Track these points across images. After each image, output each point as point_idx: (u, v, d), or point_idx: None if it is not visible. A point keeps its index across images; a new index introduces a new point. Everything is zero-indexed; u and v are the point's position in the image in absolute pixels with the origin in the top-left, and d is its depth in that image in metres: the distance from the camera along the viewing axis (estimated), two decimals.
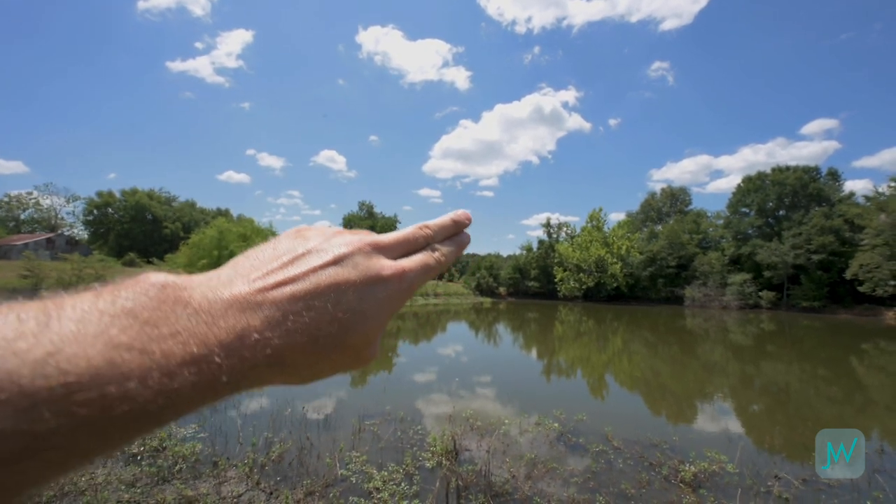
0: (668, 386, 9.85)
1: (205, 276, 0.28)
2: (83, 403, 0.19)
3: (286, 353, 0.26)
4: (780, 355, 14.74)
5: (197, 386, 0.22)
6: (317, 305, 0.27)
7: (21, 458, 0.17)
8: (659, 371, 11.54)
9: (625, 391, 9.50)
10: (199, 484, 3.93)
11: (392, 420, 6.09)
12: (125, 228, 57.22)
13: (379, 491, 3.94)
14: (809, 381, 10.41)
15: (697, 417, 7.35)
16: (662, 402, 8.45)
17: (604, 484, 4.34)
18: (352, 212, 68.47)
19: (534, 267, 56.87)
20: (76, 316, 0.21)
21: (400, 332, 18.29)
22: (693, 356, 14.29)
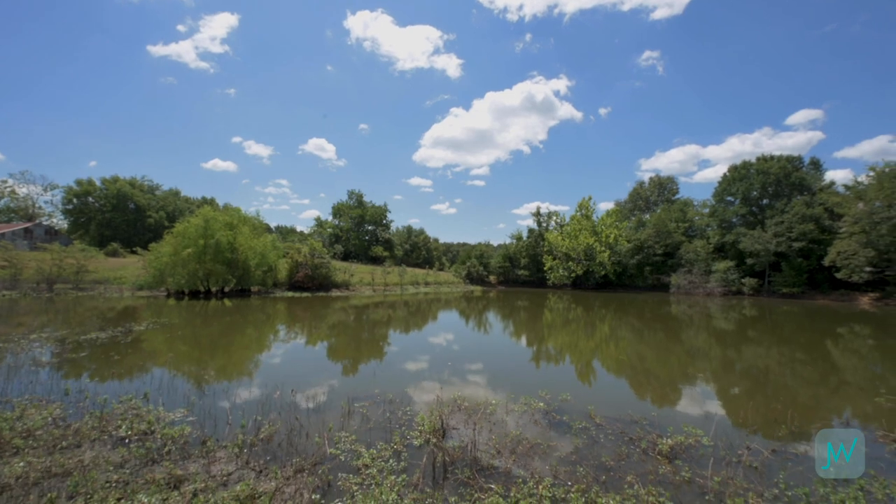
0: (652, 369, 10.15)
1: None
2: None
3: None
4: (761, 340, 15.21)
5: None
6: None
7: None
8: (644, 356, 11.85)
9: (610, 374, 9.75)
10: (188, 464, 3.97)
11: (381, 402, 6.19)
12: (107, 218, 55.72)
13: (367, 467, 4.04)
14: (787, 364, 10.79)
15: (677, 397, 7.61)
16: (645, 384, 8.72)
17: (585, 457, 4.51)
18: (341, 200, 67.72)
19: (524, 255, 57.25)
20: None
21: (391, 321, 18.36)
22: (677, 341, 14.67)
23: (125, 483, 3.51)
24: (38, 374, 7.31)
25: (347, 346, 11.96)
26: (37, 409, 5.24)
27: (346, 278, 36.19)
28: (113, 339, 10.91)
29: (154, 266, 25.60)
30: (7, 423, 4.61)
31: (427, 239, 78.47)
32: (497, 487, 3.72)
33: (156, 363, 8.65)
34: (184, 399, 6.11)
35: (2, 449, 4.05)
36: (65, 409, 5.36)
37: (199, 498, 3.27)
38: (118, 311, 17.73)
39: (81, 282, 26.76)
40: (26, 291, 23.52)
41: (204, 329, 13.94)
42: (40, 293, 23.55)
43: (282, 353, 10.58)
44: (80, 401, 5.77)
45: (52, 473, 3.60)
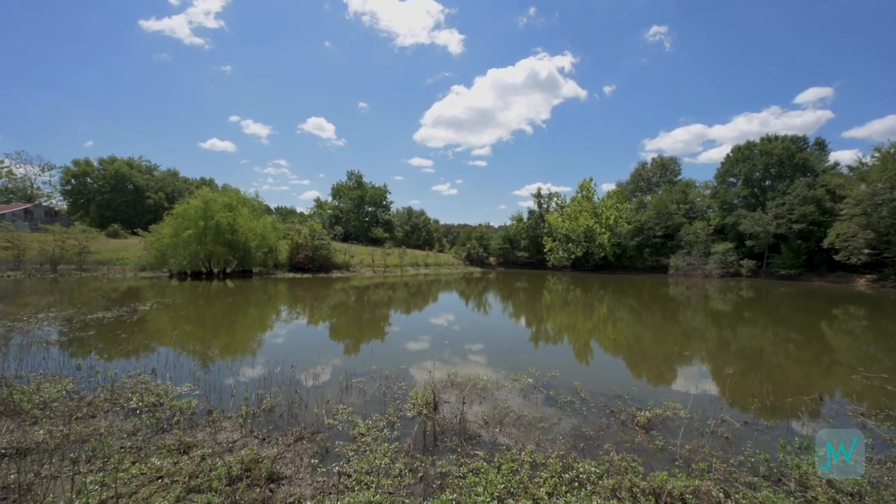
0: (644, 349, 10.45)
1: None
2: None
3: None
4: (757, 320, 15.48)
5: None
6: None
7: None
8: (641, 336, 12.14)
9: (602, 353, 10.06)
10: (196, 432, 4.26)
11: (378, 378, 6.49)
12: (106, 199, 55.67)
13: (363, 436, 4.33)
14: (781, 345, 11.01)
15: (664, 375, 7.92)
16: (635, 363, 9.03)
17: (566, 428, 4.81)
18: (341, 181, 67.32)
19: (524, 237, 57.38)
20: None
21: (391, 302, 18.69)
22: (673, 322, 14.95)
23: (138, 448, 3.80)
24: (48, 352, 7.63)
25: (348, 326, 12.29)
26: (51, 383, 5.54)
27: (347, 259, 36.49)
28: (119, 318, 11.23)
29: (155, 247, 25.87)
30: (25, 395, 4.90)
31: (427, 220, 78.41)
32: (482, 454, 4.01)
33: (161, 342, 8.97)
34: (190, 374, 6.42)
35: (22, 418, 4.34)
36: (77, 383, 5.66)
37: (206, 462, 3.55)
38: (122, 291, 18.06)
39: (84, 263, 27.08)
40: (30, 272, 23.86)
41: (207, 309, 14.28)
42: (44, 274, 23.89)
43: (284, 333, 10.90)
44: (92, 376, 6.08)
45: (70, 440, 3.89)
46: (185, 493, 3.12)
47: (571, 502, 3.24)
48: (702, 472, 3.78)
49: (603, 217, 50.79)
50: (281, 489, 3.29)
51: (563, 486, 3.48)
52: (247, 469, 3.46)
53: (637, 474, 3.68)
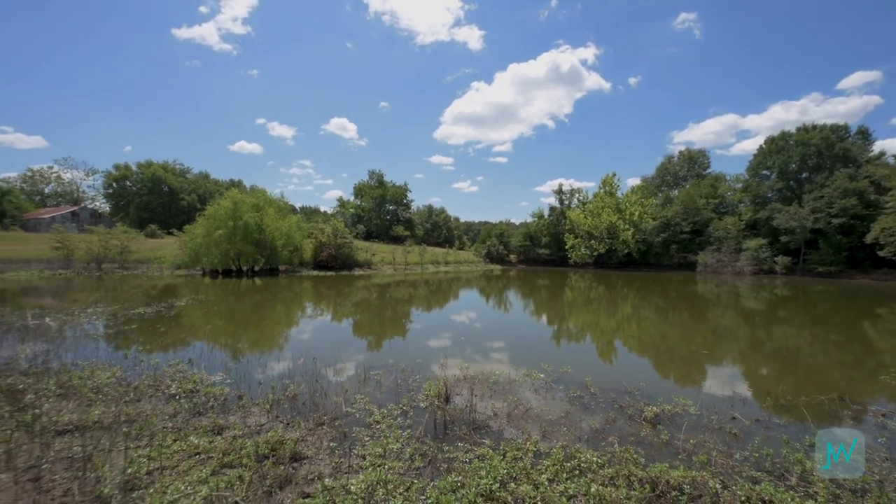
0: (665, 347, 10.35)
1: None
2: None
3: None
4: (792, 320, 14.86)
5: None
6: None
7: None
8: (665, 334, 11.96)
9: (620, 351, 10.03)
10: (228, 416, 4.69)
11: (394, 370, 6.81)
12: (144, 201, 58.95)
13: (378, 423, 4.65)
14: (820, 345, 10.50)
15: (678, 372, 7.88)
16: (652, 360, 8.99)
17: (573, 421, 4.97)
18: (363, 180, 68.55)
19: (545, 234, 56.76)
20: None
21: (412, 299, 19.09)
22: (701, 320, 14.59)
23: (178, 429, 4.24)
24: (98, 343, 8.37)
25: (369, 323, 12.74)
26: (102, 370, 6.15)
27: (368, 257, 37.27)
28: (158, 313, 12.08)
29: (189, 246, 27.31)
30: (81, 381, 5.50)
31: (448, 218, 78.71)
32: (489, 442, 4.24)
33: (196, 335, 9.64)
34: (222, 365, 6.94)
35: (80, 400, 4.90)
36: (124, 371, 6.26)
37: (237, 441, 3.95)
38: (160, 288, 19.26)
39: (125, 261, 28.89)
40: (79, 270, 25.71)
41: (237, 305, 15.08)
42: (91, 272, 25.69)
43: (309, 329, 11.44)
44: (136, 364, 6.68)
45: (120, 420, 4.39)
46: (220, 467, 3.51)
47: (570, 488, 3.42)
48: (702, 464, 3.87)
49: (627, 213, 49.60)
50: (303, 467, 3.63)
51: (563, 473, 3.66)
52: (273, 449, 3.82)
53: (637, 465, 3.82)
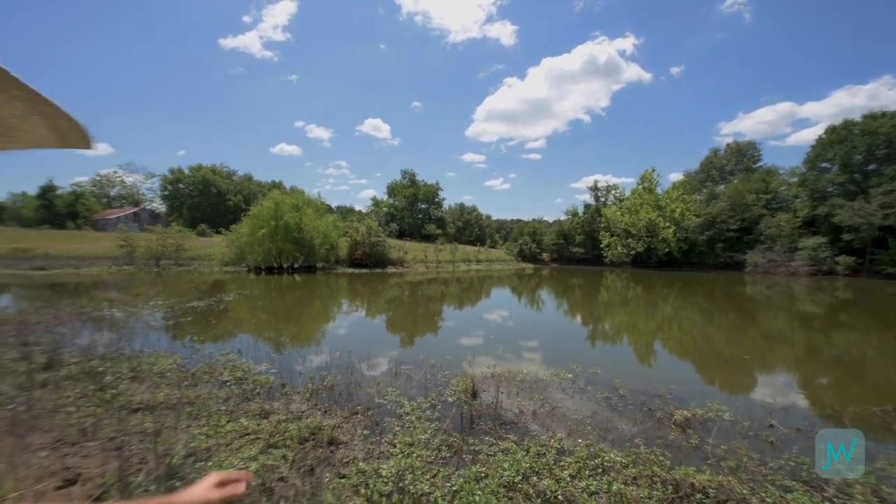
0: (705, 350, 9.96)
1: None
2: None
3: None
4: (855, 324, 13.77)
5: None
6: None
7: None
8: (707, 337, 11.48)
9: (655, 354, 9.75)
10: (273, 402, 5.13)
11: (424, 366, 7.08)
12: (195, 202, 63.38)
13: (408, 415, 4.91)
14: (884, 353, 9.71)
15: (716, 377, 7.59)
16: (688, 363, 8.71)
17: (599, 421, 4.99)
18: (395, 180, 69.85)
19: (579, 232, 55.36)
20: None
21: (444, 297, 19.40)
22: (749, 323, 13.79)
23: (231, 411, 4.71)
24: (160, 333, 9.27)
25: (401, 320, 13.15)
26: (164, 357, 6.85)
27: (401, 256, 38.05)
28: (209, 307, 13.10)
29: (235, 245, 29.15)
30: (148, 366, 6.18)
31: (479, 216, 78.60)
32: (513, 437, 4.39)
33: (242, 328, 10.41)
34: (266, 356, 7.51)
35: (148, 383, 5.53)
36: (183, 358, 6.93)
37: (281, 425, 4.34)
38: (210, 283, 20.76)
39: (180, 258, 31.25)
40: (140, 266, 28.14)
41: (279, 301, 16.02)
42: (150, 268, 28.05)
43: (344, 324, 12.00)
44: (193, 353, 7.38)
45: (181, 401, 4.93)
46: (266, 447, 3.90)
47: (592, 485, 3.51)
48: (731, 469, 3.82)
49: (667, 210, 47.35)
50: (339, 451, 3.95)
51: (586, 470, 3.75)
52: (312, 433, 4.18)
53: (662, 467, 3.83)
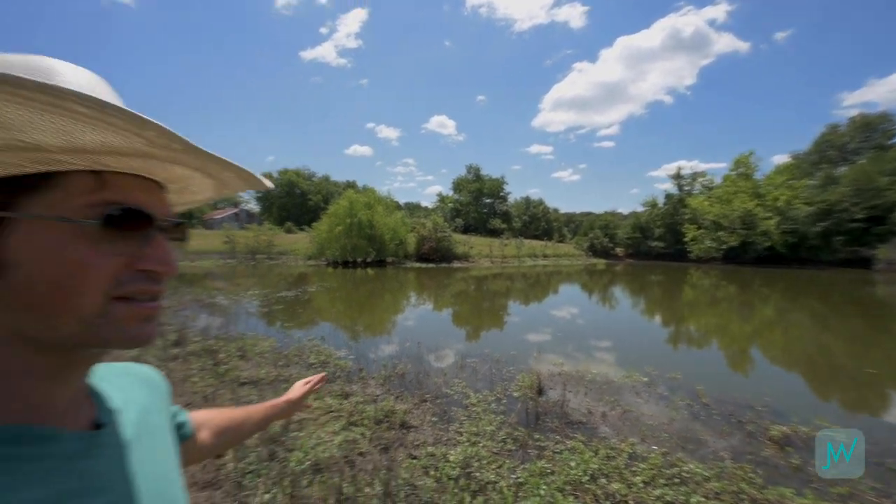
0: (815, 361, 8.67)
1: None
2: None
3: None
4: None
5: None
6: None
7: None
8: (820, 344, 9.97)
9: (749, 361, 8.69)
10: (352, 385, 5.64)
11: (489, 360, 7.19)
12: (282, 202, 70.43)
13: (473, 406, 5.08)
14: None
15: (827, 392, 6.58)
16: (791, 374, 7.65)
17: (678, 429, 4.67)
18: (460, 175, 70.42)
19: (658, 225, 50.81)
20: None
21: (509, 292, 19.31)
22: (883, 332, 11.60)
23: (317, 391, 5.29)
24: (257, 318, 10.61)
25: (467, 314, 13.41)
26: (262, 340, 7.86)
27: (466, 250, 38.47)
28: (296, 297, 14.61)
29: (316, 241, 31.92)
30: (251, 347, 7.16)
31: (546, 209, 76.06)
32: (581, 437, 4.31)
33: (323, 317, 11.46)
34: (344, 343, 8.22)
35: (252, 361, 6.43)
36: (277, 342, 7.88)
37: (360, 406, 4.78)
38: (296, 276, 23.05)
39: (271, 253, 35.13)
40: (240, 260, 32.18)
41: (354, 293, 17.27)
42: (248, 262, 31.92)
43: (413, 317, 12.58)
44: (285, 338, 8.35)
45: (278, 378, 5.65)
46: (347, 424, 4.33)
47: (667, 494, 3.34)
48: (842, 497, 3.35)
49: (769, 197, 41.33)
50: (410, 434, 4.25)
51: (661, 478, 3.57)
52: (386, 415, 4.54)
53: (752, 485, 3.49)
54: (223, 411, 0.89)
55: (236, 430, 0.89)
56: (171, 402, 0.68)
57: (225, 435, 0.85)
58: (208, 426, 0.82)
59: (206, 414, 0.85)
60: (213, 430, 0.83)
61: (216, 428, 0.84)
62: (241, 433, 0.91)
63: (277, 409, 0.99)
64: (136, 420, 0.52)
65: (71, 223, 0.37)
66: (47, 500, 0.36)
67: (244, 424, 0.91)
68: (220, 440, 0.84)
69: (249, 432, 0.93)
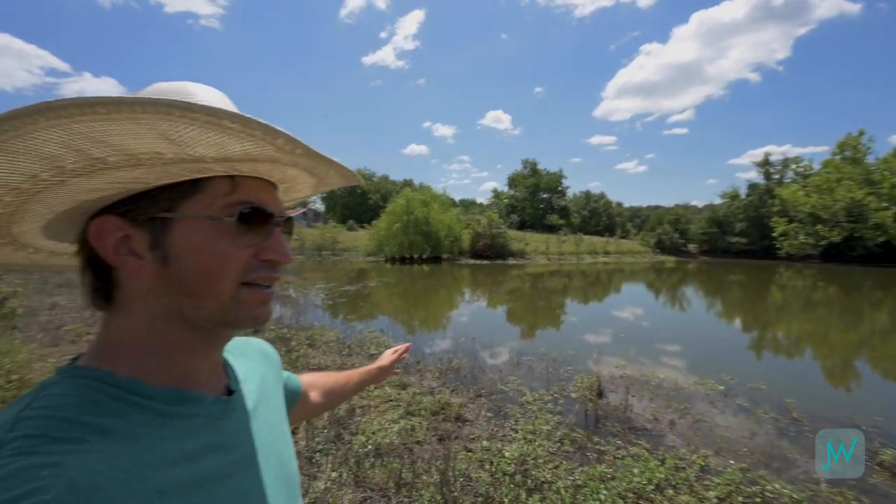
0: None
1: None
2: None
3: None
4: None
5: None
6: None
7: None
8: None
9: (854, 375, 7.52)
10: (409, 377, 5.86)
11: (546, 359, 7.03)
12: (345, 201, 74.57)
13: (529, 404, 5.02)
14: None
15: None
16: None
17: (761, 445, 4.21)
18: (516, 171, 69.04)
19: (740, 218, 45.68)
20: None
21: (566, 290, 18.67)
22: None
23: None
24: (323, 310, 11.40)
25: (522, 311, 13.22)
26: (328, 331, 8.44)
27: (522, 247, 37.75)
28: (357, 291, 15.43)
29: (375, 238, 33.37)
30: (319, 336, 7.74)
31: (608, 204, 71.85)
32: (646, 444, 4.07)
33: (382, 310, 11.98)
34: (402, 336, 8.55)
35: (320, 350, 6.95)
36: (341, 332, 8.42)
37: (417, 397, 4.96)
38: (356, 271, 24.32)
39: (335, 249, 37.39)
40: (308, 256, 34.69)
41: (411, 288, 17.81)
42: (315, 257, 34.30)
43: (467, 313, 12.69)
44: (347, 329, 8.89)
45: (342, 367, 6.05)
46: (405, 414, 4.52)
47: None
48: None
49: (885, 185, 35.21)
50: (465, 427, 4.32)
51: (739, 496, 3.26)
52: (442, 408, 4.66)
53: None
54: (329, 374, 1.03)
55: (340, 392, 1.03)
56: (282, 370, 0.79)
57: (331, 395, 0.99)
58: (317, 387, 0.96)
59: (315, 377, 0.98)
60: (321, 391, 0.96)
61: (323, 389, 0.97)
62: (343, 394, 1.05)
63: (371, 374, 1.12)
64: (256, 389, 0.61)
65: (216, 221, 0.45)
66: (196, 450, 0.44)
67: (346, 387, 1.05)
68: (327, 400, 0.98)
69: (350, 393, 1.08)
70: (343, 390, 1.04)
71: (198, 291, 0.46)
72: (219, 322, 0.48)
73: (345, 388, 1.04)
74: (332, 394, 1.00)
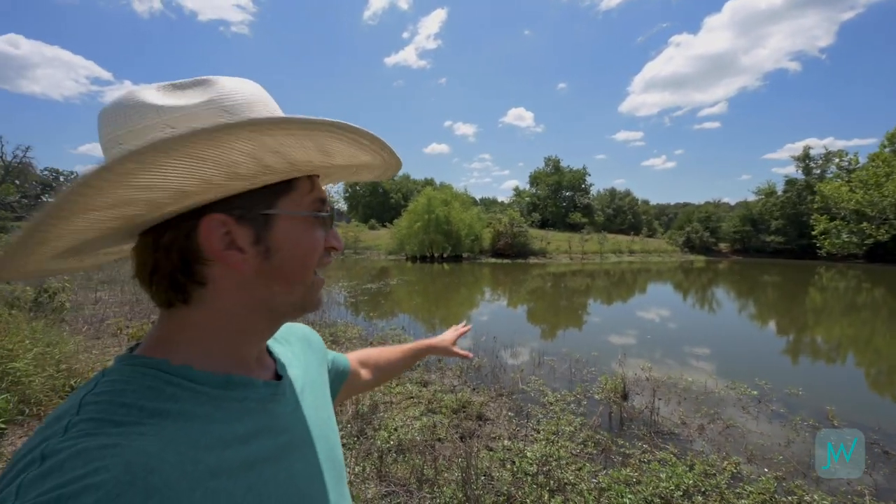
0: None
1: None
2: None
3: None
4: None
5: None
6: None
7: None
8: None
9: None
10: (431, 375, 5.90)
11: (568, 359, 6.93)
12: (367, 201, 75.63)
13: (551, 405, 4.96)
14: None
15: None
16: None
17: (798, 454, 4.01)
18: (538, 168, 68.08)
19: (776, 216, 43.45)
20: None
21: (590, 290, 18.31)
22: None
23: (399, 377, 5.64)
24: (346, 308, 11.61)
25: (543, 311, 13.06)
26: (350, 328, 8.60)
27: (543, 246, 37.26)
28: (379, 289, 15.64)
29: (396, 237, 33.69)
30: (342, 333, 7.90)
31: (634, 201, 69.88)
32: (673, 448, 3.96)
33: (402, 308, 12.10)
34: (423, 334, 8.60)
35: (343, 347, 7.10)
36: (363, 329, 8.56)
37: (438, 395, 4.99)
38: (378, 269, 24.63)
39: (357, 248, 38.01)
40: None
41: (431, 286, 17.90)
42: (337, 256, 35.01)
43: (487, 311, 12.66)
44: (370, 326, 9.04)
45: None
46: (426, 411, 4.56)
47: None
48: None
49: None
50: (486, 426, 4.32)
51: None
52: (462, 406, 4.67)
53: None
54: (380, 351, 1.05)
55: (391, 368, 1.05)
56: (326, 352, 0.82)
57: (383, 371, 1.02)
58: (368, 364, 0.98)
59: (366, 353, 1.01)
60: (372, 368, 0.99)
61: (375, 365, 1.00)
62: (394, 370, 1.07)
63: (421, 350, 1.14)
64: (301, 373, 0.65)
65: (306, 216, 0.51)
66: (248, 432, 0.47)
67: (396, 363, 1.07)
68: (378, 375, 1.01)
69: (400, 369, 1.10)
70: (394, 367, 1.06)
71: (291, 280, 0.51)
72: (300, 307, 0.53)
73: (396, 364, 1.06)
74: (384, 370, 1.02)
